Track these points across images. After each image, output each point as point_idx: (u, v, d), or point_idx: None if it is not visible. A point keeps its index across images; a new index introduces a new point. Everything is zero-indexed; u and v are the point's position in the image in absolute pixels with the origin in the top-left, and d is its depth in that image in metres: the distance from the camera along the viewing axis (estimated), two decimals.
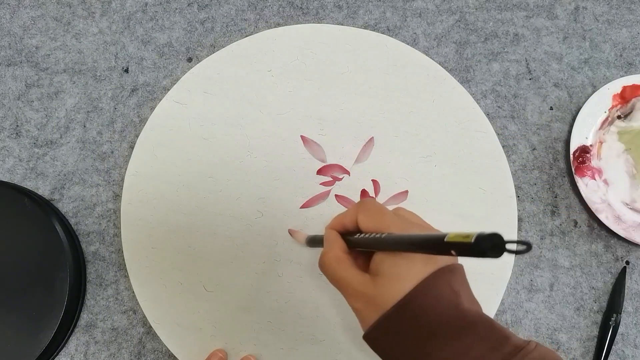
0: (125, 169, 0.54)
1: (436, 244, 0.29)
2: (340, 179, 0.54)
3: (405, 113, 0.55)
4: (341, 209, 0.53)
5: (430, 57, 0.57)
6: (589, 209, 0.54)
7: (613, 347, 0.53)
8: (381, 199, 0.54)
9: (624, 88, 0.56)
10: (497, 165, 0.55)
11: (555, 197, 0.56)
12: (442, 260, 0.35)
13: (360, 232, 0.38)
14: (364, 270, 0.37)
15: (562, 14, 0.60)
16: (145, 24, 0.59)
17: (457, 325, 0.32)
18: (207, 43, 0.59)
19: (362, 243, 0.37)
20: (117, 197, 0.55)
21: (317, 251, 0.52)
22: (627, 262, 0.55)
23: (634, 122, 0.56)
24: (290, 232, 0.53)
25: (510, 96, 0.58)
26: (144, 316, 0.53)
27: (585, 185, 0.54)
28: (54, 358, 0.52)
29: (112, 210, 0.55)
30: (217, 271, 0.52)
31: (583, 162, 0.55)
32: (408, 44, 0.58)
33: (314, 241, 0.48)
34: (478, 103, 0.56)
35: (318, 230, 0.53)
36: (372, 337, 0.35)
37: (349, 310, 0.51)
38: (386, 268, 0.35)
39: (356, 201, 0.53)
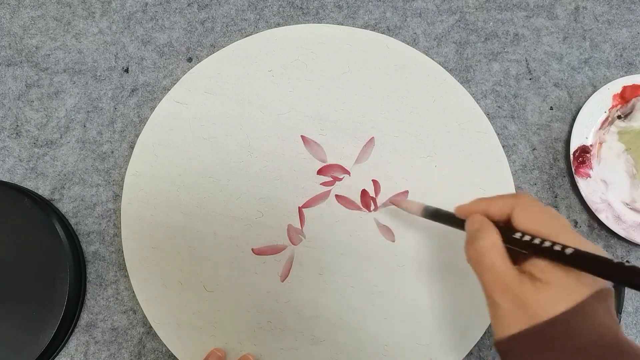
0: (125, 169, 0.54)
1: None
2: (340, 179, 0.54)
3: (406, 113, 0.55)
4: (341, 209, 0.53)
5: (431, 57, 0.57)
6: (589, 209, 0.54)
7: None
8: (381, 199, 0.54)
9: (624, 88, 0.56)
10: (497, 165, 0.54)
11: (555, 197, 0.56)
12: (602, 282, 0.32)
13: (510, 227, 0.35)
14: None
15: (562, 14, 0.60)
16: (145, 24, 0.59)
17: (615, 351, 0.30)
18: (207, 43, 0.59)
19: (526, 246, 0.34)
20: (117, 197, 0.55)
21: (320, 252, 0.52)
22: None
23: (634, 122, 0.56)
24: (394, 202, 0.51)
25: (510, 96, 0.58)
26: (144, 316, 0.53)
27: (585, 185, 0.54)
28: (54, 358, 0.52)
29: (112, 210, 0.55)
30: (217, 271, 0.52)
31: (583, 162, 0.55)
32: (408, 44, 0.58)
33: (438, 216, 0.44)
34: (478, 103, 0.56)
35: (318, 230, 0.53)
36: (511, 344, 0.32)
37: (349, 310, 0.51)
38: (554, 277, 0.32)
39: (357, 202, 0.53)
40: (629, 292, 0.54)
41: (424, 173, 0.54)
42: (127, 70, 0.58)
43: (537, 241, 0.33)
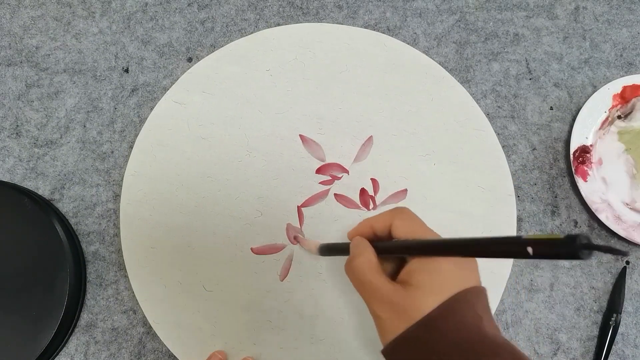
0: (126, 169, 0.54)
1: (511, 242, 0.28)
2: (339, 178, 0.54)
3: (404, 112, 0.55)
4: (340, 208, 0.53)
5: (431, 57, 0.57)
6: (589, 209, 0.54)
7: (613, 347, 0.53)
8: (380, 197, 0.54)
9: (624, 88, 0.56)
10: (495, 164, 0.54)
11: (555, 197, 0.56)
12: (471, 281, 0.34)
13: (391, 239, 0.38)
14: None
15: (562, 14, 0.60)
16: (145, 24, 0.59)
17: (477, 349, 0.31)
18: (207, 43, 0.59)
19: (399, 247, 0.37)
20: (117, 197, 0.55)
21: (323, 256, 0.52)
22: (627, 262, 0.55)
23: (634, 122, 0.56)
24: (298, 240, 0.52)
25: (511, 96, 0.58)
26: (144, 316, 0.53)
27: (585, 185, 0.54)
28: (54, 358, 0.52)
29: (112, 210, 0.55)
30: (216, 271, 0.52)
31: (583, 162, 0.55)
32: (408, 43, 0.58)
33: (330, 249, 0.47)
34: (478, 103, 0.56)
35: (317, 229, 0.53)
36: (393, 350, 0.34)
37: (349, 308, 0.51)
38: (421, 279, 0.34)
39: (356, 200, 0.53)
40: (629, 293, 0.54)
41: (422, 171, 0.54)
42: (127, 70, 0.58)
43: (409, 240, 0.36)
